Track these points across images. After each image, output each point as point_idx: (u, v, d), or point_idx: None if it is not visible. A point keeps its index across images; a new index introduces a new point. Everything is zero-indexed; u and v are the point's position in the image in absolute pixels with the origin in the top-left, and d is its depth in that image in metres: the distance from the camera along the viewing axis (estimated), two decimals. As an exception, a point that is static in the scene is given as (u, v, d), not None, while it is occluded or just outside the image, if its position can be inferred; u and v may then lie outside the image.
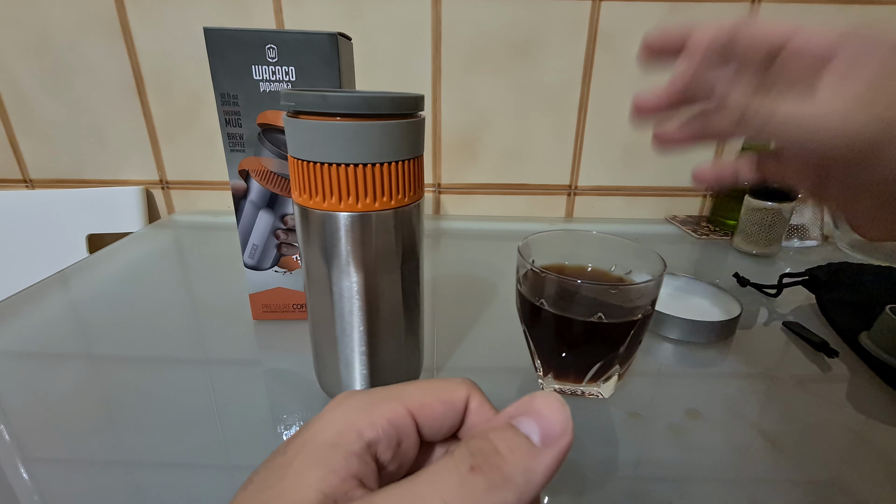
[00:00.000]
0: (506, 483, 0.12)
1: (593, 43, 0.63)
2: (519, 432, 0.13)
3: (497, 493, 0.12)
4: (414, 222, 0.26)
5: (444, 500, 0.12)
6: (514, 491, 0.12)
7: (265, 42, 0.35)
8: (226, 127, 0.38)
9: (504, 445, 0.13)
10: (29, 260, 0.69)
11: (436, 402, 0.15)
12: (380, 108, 0.22)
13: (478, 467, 0.12)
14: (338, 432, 0.14)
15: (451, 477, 0.12)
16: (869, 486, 0.26)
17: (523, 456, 0.13)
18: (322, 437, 0.14)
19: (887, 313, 0.36)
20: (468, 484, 0.12)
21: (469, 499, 0.12)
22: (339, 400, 0.15)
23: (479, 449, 0.13)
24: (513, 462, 0.13)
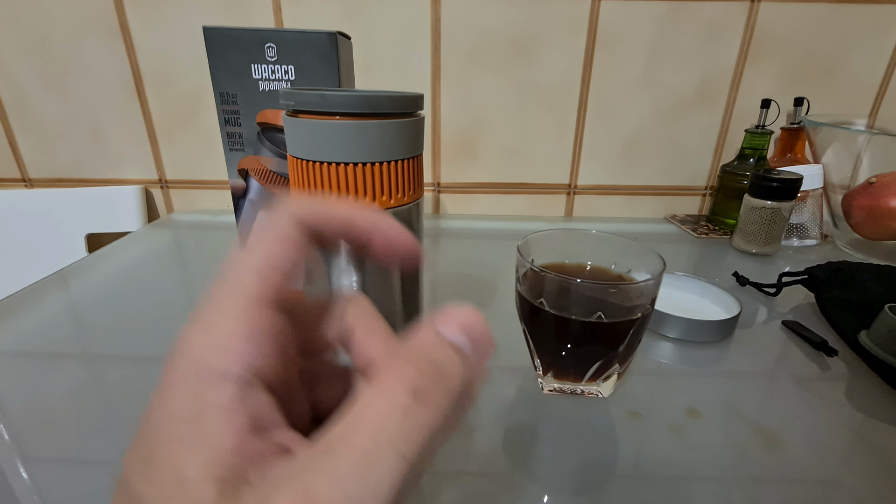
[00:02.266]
0: (451, 400, 0.12)
1: (593, 42, 0.63)
2: (454, 347, 0.12)
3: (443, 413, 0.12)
4: (413, 221, 0.26)
5: (392, 445, 0.11)
6: (460, 407, 0.12)
7: (264, 41, 0.35)
8: (225, 126, 0.38)
9: (445, 361, 0.12)
10: (28, 259, 0.69)
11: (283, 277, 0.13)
12: (379, 108, 0.22)
13: (422, 391, 0.11)
14: (195, 394, 0.11)
15: (392, 415, 0.11)
16: (868, 485, 0.26)
17: (464, 371, 0.12)
18: (181, 409, 0.11)
19: (886, 312, 0.36)
20: (414, 416, 0.11)
21: (417, 427, 0.11)
22: (179, 350, 0.12)
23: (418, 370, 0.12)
24: (455, 378, 0.12)
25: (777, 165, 0.63)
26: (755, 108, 0.65)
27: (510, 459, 0.27)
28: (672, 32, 0.63)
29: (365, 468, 0.10)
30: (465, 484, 0.26)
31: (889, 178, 0.54)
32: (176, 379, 0.11)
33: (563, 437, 0.29)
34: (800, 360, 0.37)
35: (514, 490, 0.25)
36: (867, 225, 0.55)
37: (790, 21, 0.62)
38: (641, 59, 0.64)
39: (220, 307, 0.12)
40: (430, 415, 0.11)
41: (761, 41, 0.63)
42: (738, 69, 0.65)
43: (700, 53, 0.64)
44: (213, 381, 0.11)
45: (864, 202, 0.55)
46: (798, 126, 0.63)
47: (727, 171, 0.65)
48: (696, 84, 0.65)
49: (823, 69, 0.65)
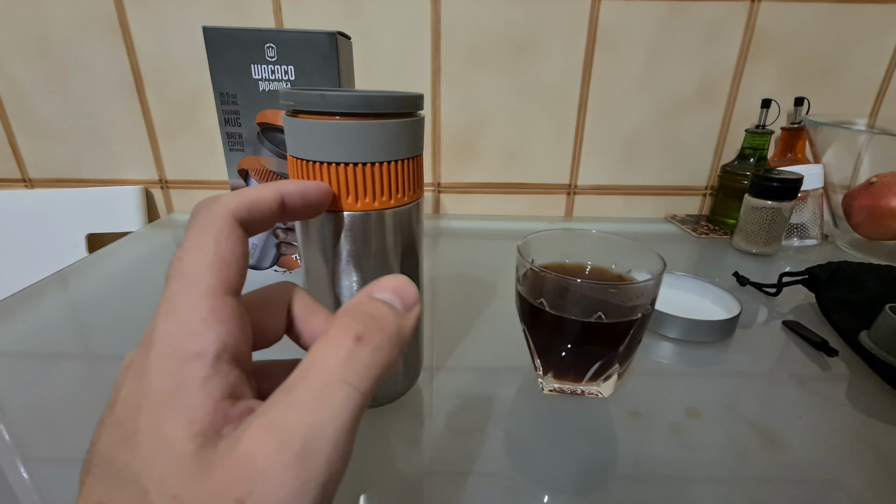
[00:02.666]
0: (388, 342, 0.14)
1: (593, 42, 0.63)
2: (387, 303, 0.15)
3: (383, 352, 0.14)
4: (413, 222, 0.26)
5: (343, 379, 0.12)
6: (396, 348, 0.14)
7: (264, 41, 0.35)
8: (225, 126, 0.38)
9: (379, 313, 0.14)
10: (28, 259, 0.69)
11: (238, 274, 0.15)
12: (379, 108, 0.22)
13: (363, 335, 0.13)
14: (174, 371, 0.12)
15: (339, 355, 0.13)
16: (868, 486, 0.26)
17: (396, 319, 0.15)
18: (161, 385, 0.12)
19: (887, 312, 0.36)
20: (357, 355, 0.13)
21: (363, 364, 0.13)
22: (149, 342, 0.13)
23: (356, 321, 0.14)
24: (389, 323, 0.14)
25: (777, 165, 0.63)
26: (755, 107, 0.65)
27: (510, 459, 0.27)
28: (672, 32, 0.62)
29: (322, 398, 0.12)
30: (466, 484, 0.26)
31: (889, 178, 0.54)
32: (152, 364, 0.13)
33: (564, 437, 0.29)
34: (800, 360, 0.37)
35: (514, 490, 0.25)
36: (868, 225, 0.55)
37: (790, 21, 0.62)
38: (641, 59, 0.64)
39: (182, 300, 0.13)
40: (372, 354, 0.13)
41: (762, 41, 0.63)
42: (739, 69, 0.65)
43: (700, 53, 0.64)
44: (190, 359, 0.12)
45: (865, 202, 0.55)
46: (798, 126, 0.63)
47: (727, 170, 0.65)
48: (697, 84, 0.65)
49: (824, 69, 0.65)
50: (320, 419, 0.12)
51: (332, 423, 0.12)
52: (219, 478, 0.11)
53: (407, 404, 0.31)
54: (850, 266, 0.45)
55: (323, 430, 0.12)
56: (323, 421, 0.12)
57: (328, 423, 0.12)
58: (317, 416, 0.12)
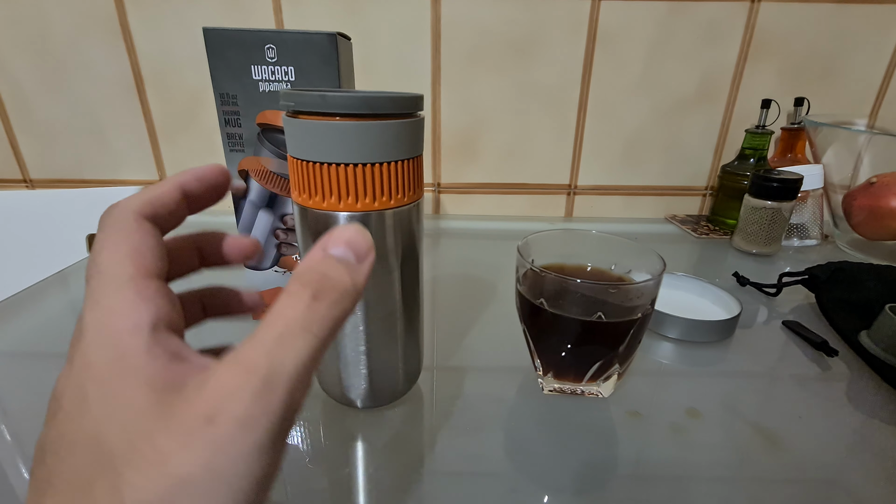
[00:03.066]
0: (343, 297, 0.15)
1: (593, 42, 0.63)
2: (340, 259, 0.16)
3: (339, 306, 0.15)
4: (413, 222, 0.26)
5: (304, 328, 0.14)
6: (350, 301, 0.15)
7: (264, 42, 0.35)
8: (225, 127, 0.38)
9: (333, 272, 0.15)
10: (29, 260, 0.69)
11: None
12: (379, 108, 0.22)
13: (318, 294, 0.15)
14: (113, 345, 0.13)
15: (298, 308, 0.14)
16: (869, 486, 0.26)
17: (349, 275, 0.16)
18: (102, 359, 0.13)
19: (887, 312, 0.36)
20: (315, 308, 0.14)
21: (322, 317, 0.14)
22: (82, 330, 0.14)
23: (313, 280, 0.15)
24: (343, 281, 0.15)
25: (777, 165, 0.63)
26: (755, 108, 0.65)
27: (510, 459, 0.27)
28: (672, 32, 0.63)
29: (284, 340, 0.13)
30: (466, 484, 0.26)
31: (889, 179, 0.54)
32: (87, 346, 0.13)
33: (564, 437, 0.29)
34: (800, 360, 0.37)
35: (514, 490, 0.25)
36: (868, 225, 0.55)
37: (790, 21, 0.62)
38: (641, 60, 0.64)
39: (105, 291, 0.14)
40: (328, 309, 0.15)
41: (762, 41, 0.63)
42: (739, 69, 0.65)
43: (700, 53, 0.64)
44: (126, 334, 0.13)
45: (865, 202, 0.55)
46: (798, 126, 0.63)
47: (727, 171, 0.65)
48: (697, 84, 0.65)
49: (824, 69, 0.65)
50: (282, 355, 0.13)
51: (292, 359, 0.13)
52: (188, 405, 0.12)
53: (407, 404, 0.31)
54: (850, 266, 0.45)
55: (284, 365, 0.13)
56: (284, 357, 0.13)
57: (289, 360, 0.13)
58: (279, 352, 0.13)
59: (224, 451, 0.12)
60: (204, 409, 0.12)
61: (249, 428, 0.12)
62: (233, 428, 0.12)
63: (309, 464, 0.27)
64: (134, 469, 0.12)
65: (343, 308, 0.15)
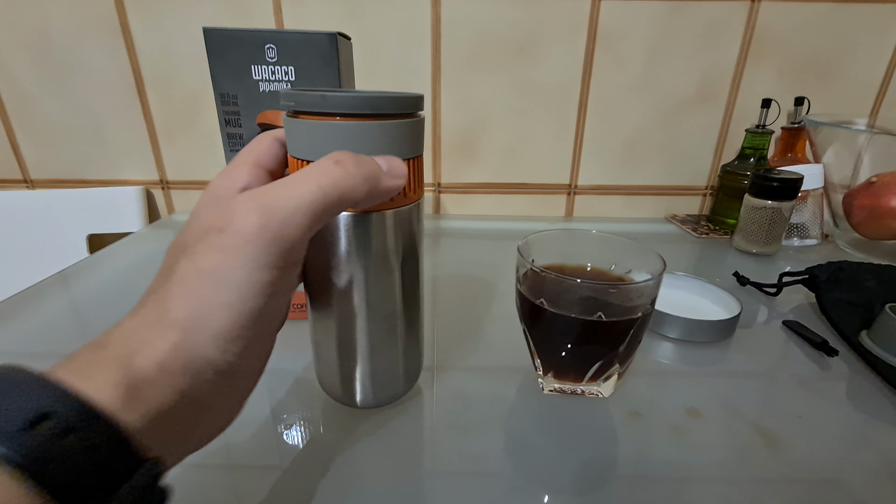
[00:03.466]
0: (360, 174, 0.19)
1: (593, 42, 0.63)
2: (377, 160, 0.21)
3: (353, 177, 0.19)
4: (414, 222, 0.26)
5: (311, 179, 0.18)
6: (366, 184, 0.19)
7: (265, 42, 0.35)
8: (225, 127, 0.38)
9: (363, 158, 0.20)
10: (29, 260, 0.69)
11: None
12: (381, 108, 0.22)
13: (340, 162, 0.19)
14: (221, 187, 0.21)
15: (318, 168, 0.18)
16: (869, 486, 0.26)
17: (374, 166, 0.20)
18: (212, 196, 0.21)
19: (887, 312, 0.36)
20: (331, 171, 0.18)
21: (332, 177, 0.18)
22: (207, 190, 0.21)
23: (342, 153, 0.19)
24: (367, 166, 0.20)
25: (777, 165, 0.63)
26: (755, 107, 0.65)
27: (511, 460, 0.27)
28: (672, 32, 0.63)
29: (291, 185, 0.18)
30: (466, 484, 0.26)
31: (890, 178, 0.54)
32: (209, 188, 0.21)
33: (564, 437, 0.29)
34: (800, 360, 0.37)
35: (514, 490, 0.25)
36: (868, 224, 0.55)
37: (790, 21, 0.62)
38: (642, 59, 0.64)
39: (233, 165, 0.22)
40: (343, 173, 0.19)
41: (762, 41, 0.63)
42: (739, 69, 0.65)
43: (700, 53, 0.64)
44: (226, 188, 0.21)
45: (865, 202, 0.55)
46: (798, 126, 0.63)
47: (727, 170, 0.65)
48: (697, 84, 0.65)
49: (824, 69, 0.65)
50: (283, 195, 0.17)
51: (292, 200, 0.17)
52: (221, 210, 0.18)
53: (407, 405, 0.31)
54: (851, 266, 0.45)
55: (283, 202, 0.17)
56: (285, 197, 0.17)
57: (289, 199, 0.17)
58: (282, 192, 0.17)
59: (229, 255, 0.17)
60: (220, 223, 0.17)
61: (249, 241, 0.17)
62: (236, 239, 0.17)
63: (309, 464, 0.27)
64: (184, 257, 0.17)
65: (356, 181, 0.19)
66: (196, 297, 0.16)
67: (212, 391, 0.17)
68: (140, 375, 0.15)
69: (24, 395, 0.13)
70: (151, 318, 0.16)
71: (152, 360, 0.15)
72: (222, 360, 0.17)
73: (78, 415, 0.13)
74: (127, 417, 0.14)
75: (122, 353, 0.15)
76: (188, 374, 0.16)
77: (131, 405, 0.14)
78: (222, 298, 0.16)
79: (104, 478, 0.13)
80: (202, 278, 0.16)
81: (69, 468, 0.13)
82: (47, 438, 0.13)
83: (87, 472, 0.13)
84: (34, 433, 0.12)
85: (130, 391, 0.14)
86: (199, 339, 0.16)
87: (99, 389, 0.14)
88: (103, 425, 0.13)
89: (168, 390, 0.15)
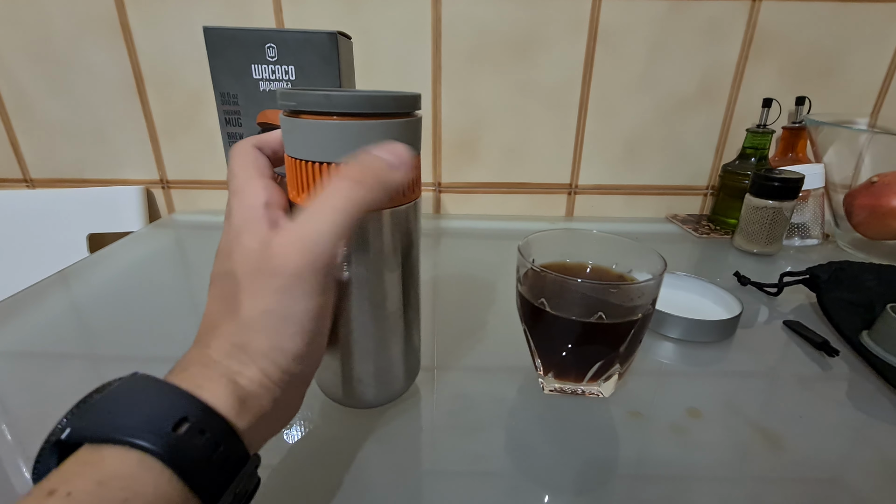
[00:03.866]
0: (370, 181, 0.21)
1: (594, 41, 0.63)
2: (378, 156, 0.21)
3: (364, 187, 0.20)
4: (411, 221, 0.26)
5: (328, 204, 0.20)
6: (378, 187, 0.21)
7: (265, 41, 0.35)
8: (226, 126, 0.38)
9: (367, 161, 0.21)
10: (29, 259, 0.69)
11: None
12: (384, 108, 0.22)
13: (348, 175, 0.21)
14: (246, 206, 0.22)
15: (339, 192, 0.20)
16: (869, 486, 0.26)
17: (381, 167, 0.21)
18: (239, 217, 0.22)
19: (888, 312, 0.36)
20: (341, 187, 0.20)
21: (345, 195, 0.20)
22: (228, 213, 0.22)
23: (349, 167, 0.21)
24: (374, 169, 0.21)
25: (778, 165, 0.63)
26: (756, 107, 0.65)
27: (511, 460, 0.27)
28: (673, 31, 0.62)
29: (320, 217, 0.20)
30: (466, 484, 0.26)
31: (891, 178, 0.53)
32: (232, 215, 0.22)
33: (564, 437, 0.29)
34: (801, 360, 0.37)
35: (514, 490, 0.25)
36: (869, 224, 0.55)
37: (791, 20, 0.62)
38: (642, 59, 0.64)
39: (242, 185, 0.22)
40: (354, 187, 0.20)
41: (762, 40, 0.63)
42: (740, 68, 0.64)
43: (701, 52, 0.64)
44: (251, 207, 0.21)
45: (866, 201, 0.55)
46: (799, 125, 0.63)
47: (728, 170, 0.65)
48: (698, 83, 0.65)
49: (825, 68, 0.65)
50: (316, 230, 0.20)
51: (324, 234, 0.19)
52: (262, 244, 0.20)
53: (407, 405, 0.31)
54: (852, 266, 0.45)
55: (317, 238, 0.19)
56: (317, 232, 0.19)
57: (321, 234, 0.19)
58: (314, 227, 0.20)
59: (285, 295, 0.19)
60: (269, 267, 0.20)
61: (298, 279, 0.19)
62: (286, 280, 0.19)
63: (308, 464, 0.27)
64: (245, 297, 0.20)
65: (369, 190, 0.20)
66: (269, 333, 0.20)
67: (293, 394, 0.21)
68: (245, 391, 0.19)
69: (168, 402, 0.17)
70: (227, 351, 0.20)
71: (252, 380, 0.19)
72: (300, 370, 0.21)
73: (208, 419, 0.17)
74: (238, 422, 0.18)
75: (223, 374, 0.19)
76: (280, 387, 0.20)
77: (241, 413, 0.18)
78: (290, 330, 0.20)
79: (223, 469, 0.17)
80: (270, 318, 0.20)
81: (201, 461, 0.16)
82: (186, 437, 0.16)
83: (213, 464, 0.16)
84: (176, 433, 0.16)
85: (240, 402, 0.18)
86: (282, 361, 0.20)
87: (218, 400, 0.18)
88: (226, 428, 0.17)
89: (266, 401, 0.19)
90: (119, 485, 0.14)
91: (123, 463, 0.15)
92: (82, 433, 0.16)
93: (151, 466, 0.15)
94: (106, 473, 0.15)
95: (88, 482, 0.14)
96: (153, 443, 0.15)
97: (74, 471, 0.15)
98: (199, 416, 0.17)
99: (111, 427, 0.16)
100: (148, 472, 0.15)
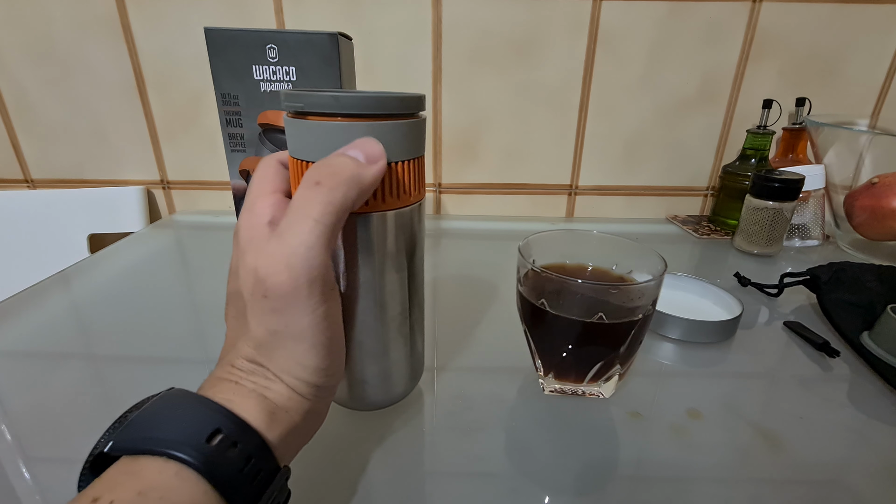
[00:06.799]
0: (343, 184, 0.19)
1: (594, 42, 0.63)
2: (348, 156, 0.21)
3: (339, 191, 0.19)
4: (415, 223, 0.26)
5: (306, 214, 0.19)
6: (353, 189, 0.20)
7: (266, 42, 0.35)
8: (226, 127, 0.38)
9: (337, 163, 0.20)
10: (30, 260, 0.69)
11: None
12: (390, 109, 0.22)
13: (320, 180, 0.19)
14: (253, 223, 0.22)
15: (303, 196, 0.19)
16: (870, 487, 0.26)
17: (353, 166, 0.20)
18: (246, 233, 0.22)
19: (889, 313, 0.36)
20: (315, 194, 0.19)
21: (321, 202, 0.19)
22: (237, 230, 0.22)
23: (318, 171, 0.20)
24: (345, 171, 0.20)
25: (779, 166, 0.63)
26: (757, 108, 0.65)
27: (511, 460, 0.27)
28: (673, 32, 0.62)
29: (294, 231, 0.19)
30: (466, 484, 0.26)
31: (891, 179, 0.53)
32: (239, 232, 0.22)
33: (564, 438, 0.29)
34: (801, 361, 0.37)
35: (514, 491, 0.25)
36: (869, 225, 0.55)
37: (792, 21, 0.62)
38: (642, 60, 0.64)
39: (254, 200, 0.22)
40: (328, 193, 0.19)
41: (763, 41, 0.63)
42: (740, 69, 0.64)
43: (701, 54, 0.64)
44: (256, 226, 0.21)
45: (867, 203, 0.55)
46: (800, 126, 0.63)
47: (729, 171, 0.65)
48: (698, 84, 0.65)
49: (825, 69, 0.65)
50: (293, 243, 0.19)
51: (301, 245, 0.19)
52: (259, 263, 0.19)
53: (408, 406, 0.31)
54: (852, 267, 0.45)
55: (295, 250, 0.19)
56: (295, 244, 0.19)
57: (299, 246, 0.19)
58: (291, 241, 0.19)
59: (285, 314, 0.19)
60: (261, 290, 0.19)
61: (293, 297, 0.19)
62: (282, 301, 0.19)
63: (309, 465, 0.27)
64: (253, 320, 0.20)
65: (344, 194, 0.19)
66: (284, 352, 0.20)
67: (321, 405, 0.22)
68: (274, 404, 0.19)
69: (202, 414, 0.17)
70: (251, 368, 0.20)
71: (280, 394, 0.20)
72: (325, 381, 0.21)
73: (241, 432, 0.18)
74: (269, 435, 0.18)
75: (252, 389, 0.19)
76: (309, 399, 0.21)
77: (271, 425, 0.19)
78: (303, 346, 0.20)
79: (256, 481, 0.17)
80: (279, 338, 0.20)
81: (234, 472, 0.17)
82: (219, 449, 0.16)
83: (246, 476, 0.17)
84: (210, 445, 0.16)
85: (270, 415, 0.19)
86: (305, 376, 0.20)
87: (249, 413, 0.18)
88: (258, 440, 0.18)
89: (296, 414, 0.20)
90: (157, 495, 0.15)
91: (161, 474, 0.16)
92: (124, 445, 0.17)
93: (188, 478, 0.16)
94: (145, 484, 0.15)
95: (129, 492, 0.15)
96: (190, 455, 0.16)
97: (117, 480, 0.16)
98: (232, 428, 0.17)
99: (150, 440, 0.16)
100: (184, 482, 0.16)
